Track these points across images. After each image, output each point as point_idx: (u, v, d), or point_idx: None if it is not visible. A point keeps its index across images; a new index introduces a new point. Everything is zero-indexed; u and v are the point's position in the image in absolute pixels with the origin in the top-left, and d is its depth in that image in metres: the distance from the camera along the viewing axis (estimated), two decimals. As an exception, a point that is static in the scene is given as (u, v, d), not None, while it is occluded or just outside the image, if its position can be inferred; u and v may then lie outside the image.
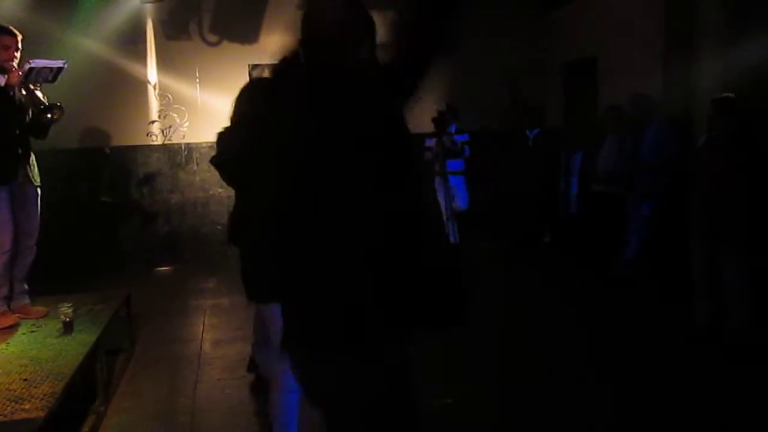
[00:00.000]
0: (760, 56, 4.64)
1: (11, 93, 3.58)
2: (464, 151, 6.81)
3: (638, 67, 6.02)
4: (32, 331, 3.61)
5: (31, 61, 3.56)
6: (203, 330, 4.86)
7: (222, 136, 2.87)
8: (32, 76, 3.60)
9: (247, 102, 2.65)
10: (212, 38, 7.11)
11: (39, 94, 3.70)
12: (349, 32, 1.61)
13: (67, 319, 3.53)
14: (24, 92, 3.64)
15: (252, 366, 3.64)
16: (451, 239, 6.97)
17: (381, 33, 1.66)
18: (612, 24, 6.52)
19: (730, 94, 3.99)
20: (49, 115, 3.69)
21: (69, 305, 3.59)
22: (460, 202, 6.95)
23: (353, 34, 1.61)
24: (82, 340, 3.40)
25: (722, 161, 3.84)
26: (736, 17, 5.04)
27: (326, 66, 1.61)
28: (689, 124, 5.29)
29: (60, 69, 3.69)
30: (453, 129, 6.85)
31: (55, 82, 3.78)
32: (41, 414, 2.55)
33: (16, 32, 3.66)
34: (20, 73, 3.54)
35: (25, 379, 2.89)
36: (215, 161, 2.87)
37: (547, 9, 7.83)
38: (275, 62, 1.81)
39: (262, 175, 1.76)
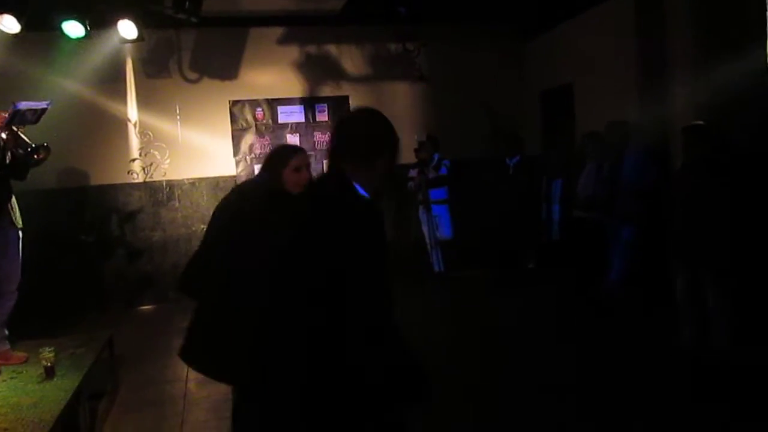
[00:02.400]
0: (731, 81, 4.75)
1: None
2: (440, 169, 6.86)
3: (614, 94, 6.14)
4: (12, 378, 3.52)
5: (16, 103, 3.53)
6: (188, 369, 4.75)
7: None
8: (17, 118, 3.57)
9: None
10: (192, 75, 7.16)
11: (22, 135, 3.68)
12: (369, 144, 1.82)
13: (49, 364, 3.46)
14: (6, 134, 3.62)
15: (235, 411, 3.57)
16: (436, 268, 7.00)
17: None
18: (587, 52, 6.66)
19: (700, 122, 4.06)
20: (35, 156, 3.66)
21: (50, 350, 3.52)
22: (444, 231, 6.98)
23: (373, 147, 1.82)
24: (64, 386, 3.33)
25: (698, 187, 3.89)
26: (706, 43, 5.17)
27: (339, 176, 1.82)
28: (666, 150, 5.38)
29: (44, 110, 3.67)
30: (435, 158, 6.91)
31: (38, 123, 3.76)
32: (22, 464, 2.49)
33: None
34: (4, 116, 3.53)
35: (5, 429, 2.82)
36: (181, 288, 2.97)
37: (524, 37, 7.99)
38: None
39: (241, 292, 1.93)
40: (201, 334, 2.76)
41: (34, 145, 3.66)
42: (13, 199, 3.79)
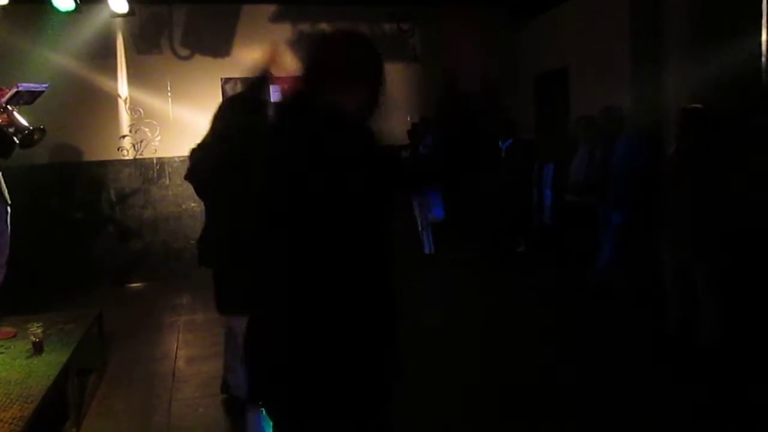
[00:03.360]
0: (724, 67, 4.76)
1: None
2: None
3: (607, 78, 6.13)
4: (0, 353, 3.51)
5: (19, 84, 3.51)
6: (177, 347, 4.79)
7: (194, 152, 2.88)
8: (15, 99, 3.55)
9: (226, 117, 2.71)
10: (184, 52, 7.08)
11: (17, 115, 3.63)
12: (350, 65, 1.59)
13: (37, 340, 3.45)
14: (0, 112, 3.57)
15: (225, 387, 3.59)
16: (426, 250, 7.01)
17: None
18: (581, 36, 6.64)
19: (698, 105, 4.06)
20: (33, 137, 3.62)
21: (39, 325, 3.51)
22: (436, 213, 6.98)
23: (355, 69, 1.60)
24: (53, 361, 3.32)
25: (692, 171, 3.90)
26: (701, 28, 5.17)
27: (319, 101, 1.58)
28: (659, 135, 5.39)
29: (41, 92, 3.66)
30: (429, 141, 6.89)
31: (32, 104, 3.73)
32: (10, 438, 2.49)
33: None
34: (3, 95, 3.49)
35: (-7, 403, 2.82)
36: (188, 177, 2.90)
37: (519, 21, 7.94)
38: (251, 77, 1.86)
39: (234, 193, 1.78)
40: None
41: (31, 128, 3.61)
42: (0, 174, 3.75)
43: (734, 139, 4.30)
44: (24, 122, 3.63)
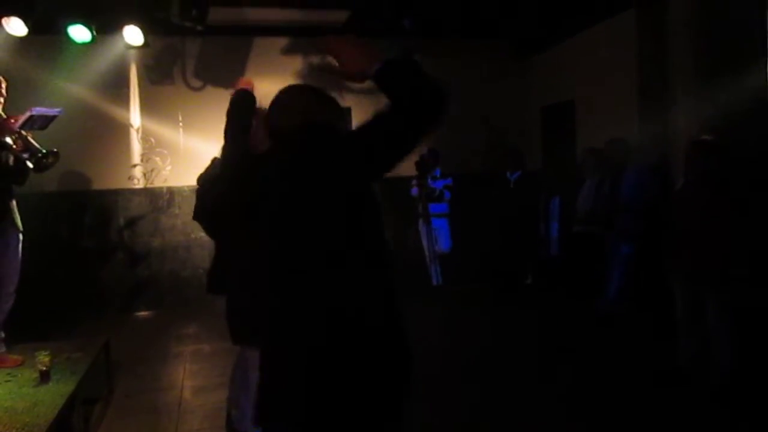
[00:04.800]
0: (731, 99, 4.78)
1: None
2: (444, 195, 6.89)
3: (614, 111, 6.17)
4: (8, 381, 3.51)
5: (32, 109, 3.54)
6: (184, 377, 4.76)
7: (199, 192, 2.94)
8: (29, 123, 3.58)
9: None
10: (196, 83, 7.18)
11: (31, 139, 3.67)
12: (303, 115, 1.89)
13: (44, 368, 3.45)
14: (15, 137, 3.60)
15: (229, 422, 3.54)
16: (434, 281, 6.99)
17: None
18: (588, 68, 6.71)
19: (709, 137, 4.06)
20: (45, 160, 3.65)
21: (46, 353, 3.51)
22: (443, 245, 6.98)
23: (307, 116, 1.88)
24: (60, 390, 3.31)
25: (702, 202, 3.89)
26: (707, 62, 5.21)
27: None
28: (666, 168, 5.40)
29: (54, 117, 3.68)
30: (437, 173, 6.93)
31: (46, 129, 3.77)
32: (16, 468, 2.47)
33: (1, 77, 3.66)
34: (17, 120, 3.53)
35: (-1, 432, 2.81)
36: (196, 216, 2.95)
37: (526, 53, 8.03)
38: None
39: (238, 230, 1.86)
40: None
41: (45, 151, 3.64)
42: (14, 201, 3.79)
43: (743, 171, 4.29)
44: (37, 146, 3.67)
